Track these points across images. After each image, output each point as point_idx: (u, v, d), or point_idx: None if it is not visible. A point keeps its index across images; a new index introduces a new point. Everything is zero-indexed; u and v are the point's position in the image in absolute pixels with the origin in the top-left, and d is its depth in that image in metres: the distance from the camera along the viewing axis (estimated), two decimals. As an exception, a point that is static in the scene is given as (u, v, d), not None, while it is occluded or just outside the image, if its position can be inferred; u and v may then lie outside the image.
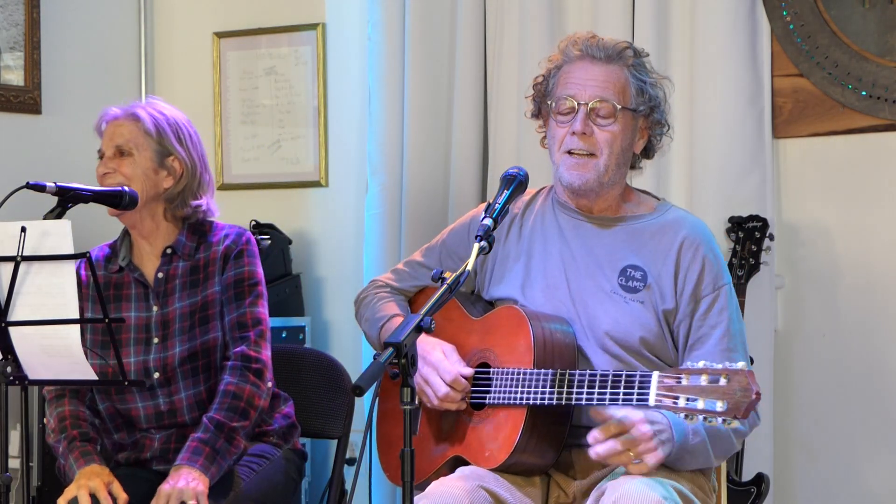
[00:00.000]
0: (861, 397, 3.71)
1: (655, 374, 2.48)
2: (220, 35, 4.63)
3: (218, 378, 3.07)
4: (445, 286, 2.49)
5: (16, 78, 4.26)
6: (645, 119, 2.82)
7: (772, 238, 3.68)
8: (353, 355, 4.18)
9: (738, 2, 3.74)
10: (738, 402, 2.36)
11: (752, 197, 3.73)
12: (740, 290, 3.58)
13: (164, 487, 2.89)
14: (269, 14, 4.56)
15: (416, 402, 2.31)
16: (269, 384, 3.09)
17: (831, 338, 3.75)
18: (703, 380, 2.40)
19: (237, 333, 3.08)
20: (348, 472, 3.53)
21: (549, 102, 2.83)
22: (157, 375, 3.06)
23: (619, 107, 2.75)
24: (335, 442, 3.34)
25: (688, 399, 2.40)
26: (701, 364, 2.43)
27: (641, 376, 2.51)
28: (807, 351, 3.79)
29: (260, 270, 3.15)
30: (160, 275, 3.12)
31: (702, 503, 2.66)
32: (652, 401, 2.47)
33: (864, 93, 3.68)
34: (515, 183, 2.73)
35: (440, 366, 2.78)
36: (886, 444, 3.69)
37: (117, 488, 2.94)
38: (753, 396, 2.35)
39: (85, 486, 2.91)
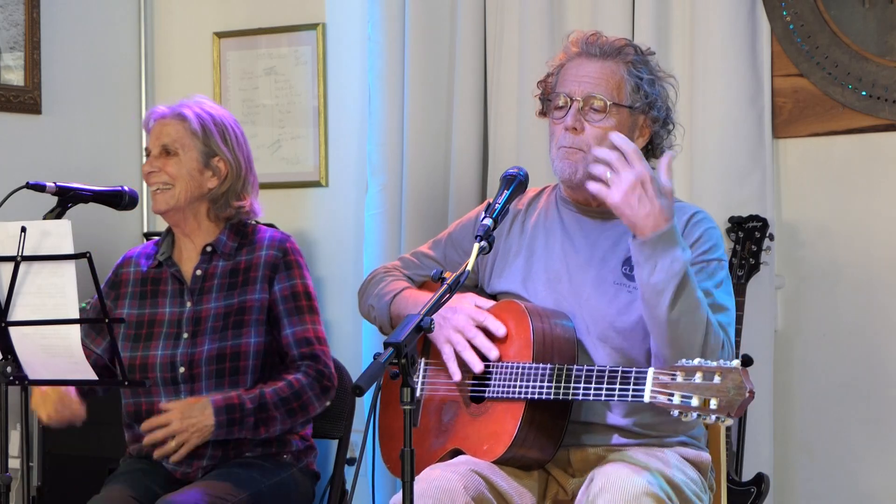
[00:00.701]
0: (861, 397, 3.71)
1: (651, 371, 2.49)
2: (220, 35, 4.63)
3: (242, 385, 3.06)
4: (445, 286, 2.50)
5: (16, 78, 4.26)
6: (645, 116, 2.82)
7: (772, 238, 3.67)
8: (353, 355, 4.18)
9: (738, 2, 3.74)
10: (732, 401, 2.37)
11: (752, 197, 3.72)
12: (740, 290, 3.58)
13: (177, 404, 2.99)
14: (269, 14, 4.56)
15: (417, 399, 2.31)
16: (328, 403, 3.15)
17: (831, 338, 3.75)
18: (698, 377, 2.40)
19: (305, 349, 3.11)
20: (348, 472, 3.53)
21: (549, 100, 2.85)
22: (182, 370, 3.06)
23: (609, 102, 2.75)
24: (335, 442, 3.35)
25: (682, 396, 2.41)
26: (696, 361, 2.43)
27: (637, 373, 2.52)
28: (807, 351, 3.79)
29: (311, 282, 3.18)
30: (198, 272, 3.14)
31: (695, 496, 2.65)
32: (647, 397, 2.48)
33: (864, 93, 3.68)
34: (515, 183, 2.74)
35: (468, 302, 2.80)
36: (886, 444, 3.69)
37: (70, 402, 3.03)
38: (747, 395, 2.36)
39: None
